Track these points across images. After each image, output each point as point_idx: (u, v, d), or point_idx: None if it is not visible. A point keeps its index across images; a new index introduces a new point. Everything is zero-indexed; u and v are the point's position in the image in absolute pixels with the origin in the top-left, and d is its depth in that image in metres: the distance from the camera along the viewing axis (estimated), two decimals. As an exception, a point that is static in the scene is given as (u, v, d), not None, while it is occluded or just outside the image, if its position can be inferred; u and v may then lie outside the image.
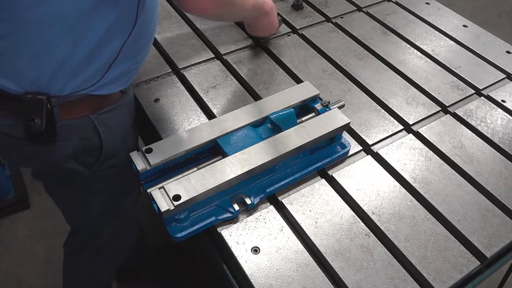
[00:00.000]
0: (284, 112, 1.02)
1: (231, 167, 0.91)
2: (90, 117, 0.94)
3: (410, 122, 1.18)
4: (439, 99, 1.25)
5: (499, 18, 3.54)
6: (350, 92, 1.26)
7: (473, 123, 1.19)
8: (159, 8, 1.50)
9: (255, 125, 1.03)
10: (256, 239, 0.90)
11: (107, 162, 1.04)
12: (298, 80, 1.28)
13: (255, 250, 0.88)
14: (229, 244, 0.89)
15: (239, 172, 0.90)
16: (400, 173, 1.04)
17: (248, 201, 0.94)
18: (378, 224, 0.94)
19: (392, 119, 1.19)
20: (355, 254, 0.89)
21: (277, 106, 1.05)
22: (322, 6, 1.59)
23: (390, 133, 1.15)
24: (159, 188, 0.87)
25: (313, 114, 1.07)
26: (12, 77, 0.82)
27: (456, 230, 0.95)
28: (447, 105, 1.24)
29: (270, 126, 1.02)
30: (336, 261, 0.87)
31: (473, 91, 1.30)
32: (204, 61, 1.33)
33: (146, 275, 1.87)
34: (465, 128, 1.18)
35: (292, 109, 1.03)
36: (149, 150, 0.93)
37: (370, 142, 1.12)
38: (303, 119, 1.05)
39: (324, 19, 1.55)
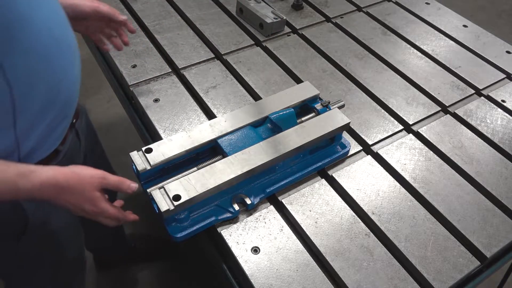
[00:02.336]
0: (284, 112, 1.02)
1: (231, 167, 0.91)
2: None
3: (410, 122, 1.18)
4: (439, 99, 1.25)
5: (499, 18, 3.54)
6: (350, 92, 1.26)
7: (473, 123, 1.19)
8: (159, 9, 1.51)
9: (255, 125, 1.03)
10: (256, 239, 0.90)
11: (41, 231, 0.98)
12: (298, 80, 1.28)
13: (255, 250, 0.88)
14: (229, 244, 0.89)
15: (239, 172, 0.90)
16: (400, 173, 1.04)
17: (248, 201, 0.94)
18: (378, 224, 0.94)
19: (392, 119, 1.19)
20: (355, 254, 0.89)
21: (277, 106, 1.05)
22: (322, 6, 1.59)
23: (390, 133, 1.15)
24: (159, 188, 0.87)
25: (313, 114, 1.07)
26: None
27: (456, 230, 0.95)
28: (447, 105, 1.24)
29: (270, 126, 1.02)
30: (336, 261, 0.87)
31: (473, 91, 1.30)
32: (204, 61, 1.33)
33: (128, 263, 1.87)
34: (465, 128, 1.18)
35: (292, 109, 1.03)
36: (149, 150, 0.93)
37: (370, 142, 1.12)
38: (303, 119, 1.05)
39: (324, 19, 1.55)
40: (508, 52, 1.44)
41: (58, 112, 0.86)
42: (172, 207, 0.84)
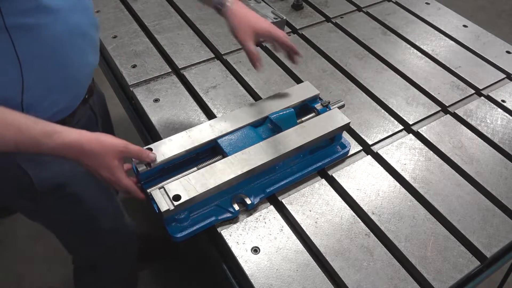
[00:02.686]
0: (284, 112, 1.02)
1: (231, 167, 0.91)
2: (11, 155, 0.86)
3: (410, 122, 1.18)
4: (439, 99, 1.25)
5: (499, 18, 3.54)
6: (350, 92, 1.26)
7: (473, 123, 1.19)
8: (159, 9, 1.51)
9: (255, 125, 1.03)
10: (256, 239, 0.90)
11: (55, 194, 1.01)
12: (298, 80, 1.28)
13: (255, 250, 0.88)
14: (229, 244, 0.89)
15: (239, 172, 0.90)
16: (400, 173, 1.04)
17: (248, 201, 0.94)
18: (378, 224, 0.94)
19: (392, 119, 1.19)
20: (355, 254, 0.89)
21: (277, 106, 1.05)
22: (322, 6, 1.59)
23: (390, 133, 1.15)
24: (159, 188, 0.87)
25: (313, 114, 1.07)
26: None
27: (456, 230, 0.95)
28: (447, 105, 1.24)
29: (270, 126, 1.02)
30: (336, 261, 0.87)
31: (473, 91, 1.30)
32: (204, 61, 1.33)
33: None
34: (465, 128, 1.18)
35: (292, 109, 1.03)
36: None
37: (370, 142, 1.12)
38: (303, 119, 1.05)
39: (324, 19, 1.55)
40: (508, 52, 1.44)
41: (65, 92, 0.93)
42: (172, 207, 0.84)
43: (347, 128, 1.04)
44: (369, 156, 1.09)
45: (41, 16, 0.79)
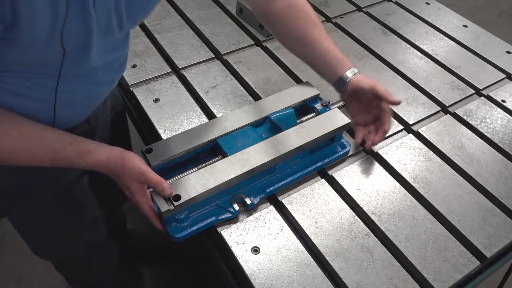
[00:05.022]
0: (284, 112, 1.02)
1: (231, 167, 0.91)
2: None
3: (410, 122, 1.18)
4: (439, 99, 1.25)
5: (499, 18, 3.54)
6: (350, 92, 1.25)
7: (473, 123, 1.19)
8: (159, 9, 1.51)
9: (255, 125, 1.03)
10: (256, 239, 0.90)
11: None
12: (298, 80, 1.28)
13: (255, 250, 0.88)
14: (229, 244, 0.89)
15: (239, 172, 0.90)
16: (400, 173, 1.04)
17: (248, 201, 0.94)
18: (378, 224, 0.94)
19: (392, 119, 1.19)
20: (355, 254, 0.89)
21: (277, 106, 1.05)
22: (322, 6, 1.59)
23: (390, 133, 1.15)
24: (159, 188, 0.87)
25: (313, 114, 1.07)
26: None
27: (456, 230, 0.95)
28: (447, 105, 1.24)
29: (270, 126, 1.02)
30: (336, 261, 0.87)
31: (473, 91, 1.30)
32: (204, 61, 1.33)
33: (128, 263, 1.86)
34: (465, 128, 1.18)
35: (292, 109, 1.03)
36: (149, 150, 0.93)
37: (370, 142, 1.12)
38: (303, 119, 1.05)
39: (324, 19, 1.55)
40: (508, 52, 1.44)
41: (88, 105, 0.96)
42: (172, 207, 0.84)
43: (347, 128, 1.04)
44: (369, 156, 1.09)
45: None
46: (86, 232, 1.18)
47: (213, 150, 1.00)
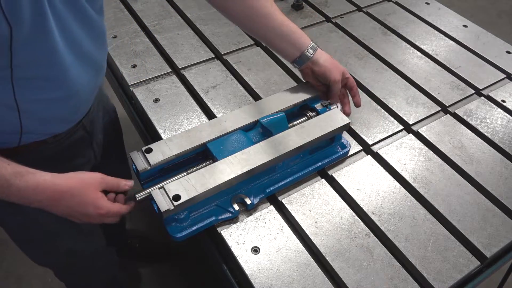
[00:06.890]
0: (275, 116, 1.01)
1: (231, 167, 0.91)
2: None
3: (410, 122, 1.18)
4: (439, 99, 1.25)
5: (499, 18, 3.54)
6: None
7: (473, 123, 1.19)
8: (159, 9, 1.51)
9: (245, 129, 1.02)
10: (256, 239, 0.90)
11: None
12: (298, 80, 1.28)
13: (255, 250, 0.88)
14: (229, 244, 0.89)
15: (239, 172, 0.90)
16: (400, 173, 1.04)
17: (248, 201, 0.94)
18: (378, 224, 0.94)
19: (392, 119, 1.19)
20: (355, 254, 0.89)
21: (277, 106, 1.05)
22: (322, 6, 1.59)
23: (390, 133, 1.15)
24: (159, 188, 0.87)
25: (305, 118, 1.06)
26: None
27: (456, 230, 0.95)
28: (447, 105, 1.24)
29: (262, 130, 1.01)
30: (336, 261, 0.87)
31: (473, 91, 1.30)
32: (204, 61, 1.33)
33: (129, 263, 1.86)
34: (465, 128, 1.18)
35: (283, 113, 1.01)
36: (149, 150, 0.93)
37: (370, 142, 1.12)
38: (294, 123, 1.03)
39: (324, 19, 1.55)
40: (508, 52, 1.44)
41: (62, 114, 0.88)
42: (172, 207, 0.84)
43: (347, 128, 1.04)
44: (369, 156, 1.09)
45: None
46: (82, 240, 1.17)
47: (204, 154, 0.99)
